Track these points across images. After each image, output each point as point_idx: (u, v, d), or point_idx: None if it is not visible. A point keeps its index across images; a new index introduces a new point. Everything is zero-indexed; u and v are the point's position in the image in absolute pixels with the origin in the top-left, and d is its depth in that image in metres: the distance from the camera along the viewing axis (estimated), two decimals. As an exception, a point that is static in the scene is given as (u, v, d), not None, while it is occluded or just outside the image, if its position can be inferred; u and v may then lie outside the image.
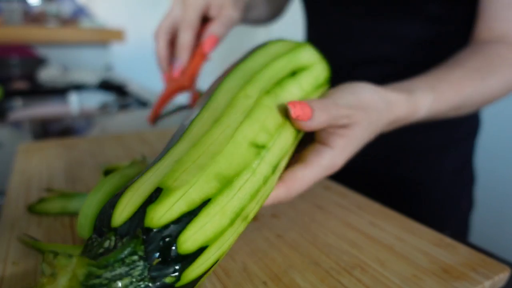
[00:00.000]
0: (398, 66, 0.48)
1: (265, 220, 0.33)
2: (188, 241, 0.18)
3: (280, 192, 0.26)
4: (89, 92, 1.30)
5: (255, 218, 0.33)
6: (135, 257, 0.17)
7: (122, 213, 0.18)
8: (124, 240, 0.18)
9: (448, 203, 0.52)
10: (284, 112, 0.26)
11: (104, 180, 0.28)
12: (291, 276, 0.25)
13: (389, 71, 0.48)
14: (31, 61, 1.49)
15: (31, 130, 0.75)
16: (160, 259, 0.17)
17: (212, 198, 0.19)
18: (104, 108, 1.12)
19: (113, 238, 0.18)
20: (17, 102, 1.15)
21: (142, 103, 1.14)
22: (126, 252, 0.17)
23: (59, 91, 1.28)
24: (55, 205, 0.33)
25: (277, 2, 0.59)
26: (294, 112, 0.24)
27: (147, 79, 2.13)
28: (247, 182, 0.21)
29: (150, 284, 0.17)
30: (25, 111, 1.07)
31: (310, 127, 0.25)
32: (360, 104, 0.28)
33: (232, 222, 0.20)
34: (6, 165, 0.47)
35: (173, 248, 0.18)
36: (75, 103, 1.12)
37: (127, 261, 0.17)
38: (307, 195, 0.38)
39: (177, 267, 0.18)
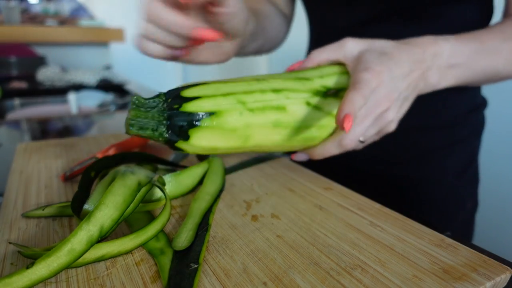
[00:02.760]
0: None
1: (265, 221, 0.33)
2: (188, 92, 0.31)
3: (355, 95, 0.30)
4: (88, 91, 1.30)
5: (255, 219, 0.33)
6: (161, 99, 0.31)
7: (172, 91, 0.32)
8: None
9: (452, 204, 0.52)
10: (302, 78, 0.36)
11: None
12: (291, 277, 0.25)
13: None
14: (30, 60, 1.49)
15: (29, 129, 0.75)
16: (170, 99, 0.31)
17: (209, 83, 0.32)
18: (103, 108, 1.12)
19: (162, 98, 0.31)
20: (16, 102, 1.15)
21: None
22: (156, 99, 0.31)
23: (58, 91, 1.28)
24: (51, 210, 0.32)
25: (286, 21, 0.59)
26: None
27: (146, 79, 2.13)
28: (240, 85, 0.33)
29: (166, 107, 0.31)
30: (24, 110, 1.07)
31: (309, 64, 0.37)
32: (358, 39, 0.36)
33: (224, 96, 0.31)
34: (5, 165, 0.47)
35: (178, 93, 0.31)
36: (74, 102, 1.11)
37: (156, 100, 0.31)
38: (307, 195, 0.38)
39: (178, 100, 0.31)
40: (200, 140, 0.31)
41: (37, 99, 1.21)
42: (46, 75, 1.37)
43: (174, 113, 0.30)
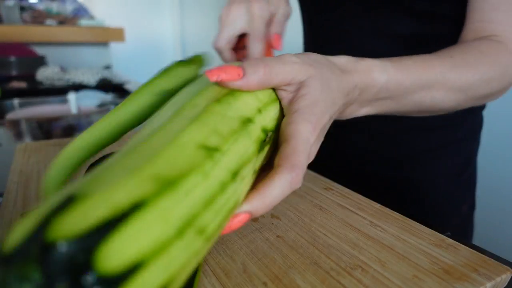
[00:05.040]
0: None
1: (265, 221, 0.33)
2: (113, 256, 0.13)
3: (284, 176, 0.22)
4: (88, 91, 1.30)
5: (255, 219, 0.33)
6: (27, 286, 0.12)
7: (16, 233, 0.13)
8: (15, 264, 0.12)
9: (448, 206, 0.52)
10: (240, 119, 0.22)
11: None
12: (291, 277, 0.25)
13: None
14: (30, 60, 1.49)
15: (29, 129, 0.75)
16: (68, 285, 0.12)
17: (146, 200, 0.14)
18: (103, 107, 1.12)
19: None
20: (16, 102, 1.15)
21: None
22: (13, 280, 0.12)
23: (58, 91, 1.28)
24: None
25: None
26: (213, 76, 0.23)
27: (146, 79, 2.12)
28: (197, 187, 0.17)
29: None
30: (24, 110, 1.07)
31: (247, 84, 0.23)
32: (305, 58, 0.26)
33: (180, 233, 0.15)
34: (4, 165, 0.47)
35: (89, 267, 0.12)
36: (74, 102, 1.11)
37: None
38: (307, 195, 0.38)
39: None
40: None
41: (37, 99, 1.21)
42: (46, 75, 1.37)
43: None
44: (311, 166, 0.45)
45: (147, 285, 0.14)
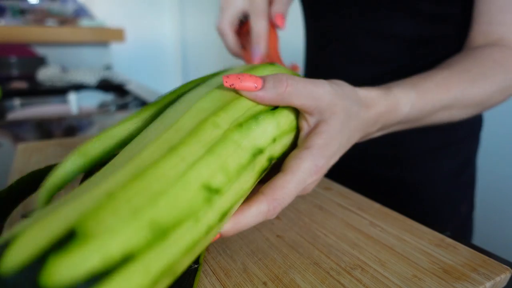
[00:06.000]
0: (393, 65, 0.48)
1: (265, 221, 0.33)
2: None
3: (262, 206, 0.22)
4: (88, 91, 1.30)
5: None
6: None
7: (17, 256, 0.13)
8: None
9: (446, 206, 0.51)
10: (252, 150, 0.22)
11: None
12: (291, 277, 0.25)
13: (383, 70, 0.48)
14: (30, 60, 1.49)
15: (30, 130, 0.75)
16: None
17: (136, 255, 0.15)
18: (103, 108, 1.12)
19: None
20: (16, 102, 1.15)
21: (142, 103, 1.14)
22: None
23: (58, 91, 1.28)
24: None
25: None
26: (228, 82, 0.22)
27: (147, 79, 2.13)
28: (186, 234, 0.17)
29: None
30: (24, 110, 1.07)
31: (263, 97, 0.23)
32: (337, 89, 0.25)
33: (155, 282, 0.16)
34: (5, 165, 0.47)
35: None
36: (74, 102, 1.11)
37: None
38: (307, 195, 0.38)
39: None
40: None
41: (37, 99, 1.22)
42: (46, 75, 1.37)
43: None
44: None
45: None
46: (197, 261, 0.26)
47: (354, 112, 0.27)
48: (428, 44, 0.46)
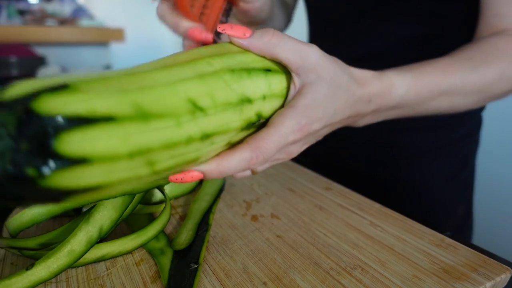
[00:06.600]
0: (392, 64, 0.48)
1: (265, 221, 0.33)
2: (71, 143, 0.15)
3: (245, 153, 0.23)
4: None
5: (255, 219, 0.33)
6: (3, 131, 0.15)
7: (14, 90, 0.16)
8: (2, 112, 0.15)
9: (443, 207, 0.51)
10: (241, 96, 0.23)
11: None
12: (291, 277, 0.25)
13: (383, 69, 0.48)
14: (30, 60, 1.49)
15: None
16: (31, 146, 0.15)
17: (117, 118, 0.17)
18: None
19: None
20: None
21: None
22: None
23: (58, 91, 1.28)
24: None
25: (287, 10, 0.59)
26: (221, 28, 0.25)
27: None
28: (165, 129, 0.19)
29: (9, 167, 0.15)
30: (24, 110, 1.07)
31: (249, 44, 0.25)
32: (329, 57, 0.26)
33: (131, 156, 0.18)
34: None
35: (51, 141, 0.15)
36: (74, 102, 1.11)
37: None
38: (307, 195, 0.38)
39: (45, 163, 0.15)
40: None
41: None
42: (46, 75, 1.37)
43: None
44: (311, 166, 0.45)
45: (84, 177, 0.16)
46: (197, 261, 0.26)
47: (343, 82, 0.27)
48: (428, 43, 0.46)
